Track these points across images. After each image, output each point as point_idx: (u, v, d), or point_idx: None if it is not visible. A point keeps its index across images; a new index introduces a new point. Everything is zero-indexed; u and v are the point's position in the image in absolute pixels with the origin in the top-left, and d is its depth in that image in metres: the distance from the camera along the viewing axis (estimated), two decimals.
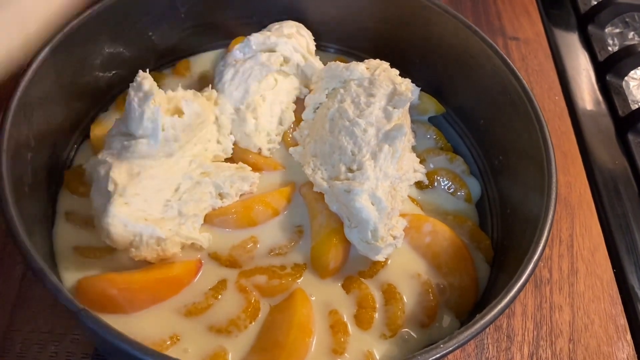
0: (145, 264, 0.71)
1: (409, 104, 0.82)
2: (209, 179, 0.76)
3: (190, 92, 0.76)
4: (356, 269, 0.76)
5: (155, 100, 0.70)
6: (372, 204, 0.72)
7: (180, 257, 0.73)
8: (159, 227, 0.69)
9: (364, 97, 0.81)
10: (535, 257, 0.64)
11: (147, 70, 0.75)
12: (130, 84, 0.73)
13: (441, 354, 0.55)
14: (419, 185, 0.85)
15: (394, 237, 0.74)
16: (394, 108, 0.79)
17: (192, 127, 0.74)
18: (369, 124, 0.78)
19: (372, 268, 0.76)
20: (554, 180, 0.71)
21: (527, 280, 0.62)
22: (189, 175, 0.74)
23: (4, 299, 0.73)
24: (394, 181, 0.76)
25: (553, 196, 0.70)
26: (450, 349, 0.56)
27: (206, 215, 0.76)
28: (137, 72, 0.94)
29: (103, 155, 0.71)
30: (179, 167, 0.74)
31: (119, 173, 0.69)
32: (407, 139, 0.81)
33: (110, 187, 0.68)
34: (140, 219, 0.69)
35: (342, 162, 0.77)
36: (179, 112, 0.73)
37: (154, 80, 0.93)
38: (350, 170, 0.76)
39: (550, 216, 0.68)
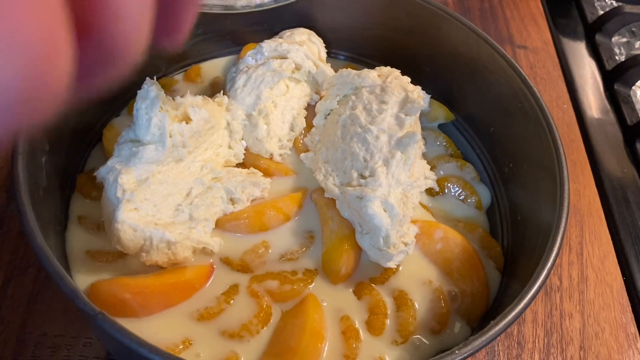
0: (157, 269, 0.71)
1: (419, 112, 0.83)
2: (220, 184, 0.76)
3: (199, 98, 0.77)
4: (367, 275, 0.76)
5: (162, 107, 0.71)
6: (385, 211, 0.72)
7: (192, 261, 0.74)
8: (169, 231, 0.69)
9: (375, 104, 0.81)
10: (548, 265, 0.64)
11: (155, 77, 0.76)
12: (138, 92, 0.73)
13: None
14: (429, 192, 0.86)
15: (406, 244, 0.74)
16: (406, 115, 0.79)
17: (201, 133, 0.74)
18: (381, 130, 0.78)
19: (384, 274, 0.76)
20: (566, 188, 0.72)
21: (540, 288, 0.62)
22: (200, 180, 0.75)
23: (17, 302, 0.73)
24: (405, 188, 0.76)
25: (565, 204, 0.70)
26: (465, 355, 0.56)
27: (218, 220, 0.76)
28: (149, 76, 0.95)
29: (112, 162, 0.72)
30: (190, 172, 0.75)
31: (127, 179, 0.69)
32: (417, 146, 0.81)
33: (119, 193, 0.68)
34: (150, 223, 0.69)
35: (354, 169, 0.77)
36: (187, 118, 0.73)
37: (166, 85, 0.94)
38: (362, 176, 0.76)
39: (562, 224, 0.68)
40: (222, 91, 0.84)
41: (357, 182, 0.76)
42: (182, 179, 0.73)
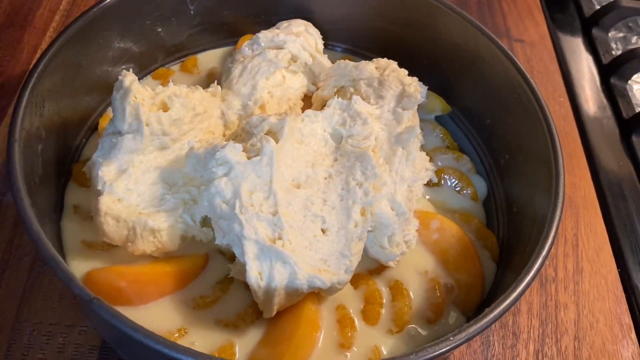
0: (153, 258, 0.71)
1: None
2: None
3: (182, 87, 0.76)
4: (364, 265, 0.76)
5: (137, 96, 0.71)
6: (392, 209, 0.72)
7: (187, 251, 0.73)
8: (152, 219, 0.69)
9: (373, 100, 0.81)
10: (543, 255, 0.65)
11: (152, 68, 0.76)
12: (115, 84, 0.73)
13: (450, 347, 0.55)
14: (426, 183, 0.86)
15: (407, 242, 0.74)
16: (404, 110, 0.79)
17: (185, 121, 0.74)
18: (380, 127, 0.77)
19: (380, 265, 0.76)
20: (561, 179, 0.72)
21: (534, 277, 0.62)
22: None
23: (12, 290, 0.73)
24: (410, 184, 0.76)
25: (560, 195, 0.70)
26: (459, 342, 0.56)
27: None
28: (146, 67, 0.94)
29: (96, 156, 0.72)
30: (179, 159, 0.74)
31: (107, 171, 0.69)
32: (417, 139, 0.80)
33: (100, 186, 0.68)
34: (134, 213, 0.69)
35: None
36: (165, 107, 0.73)
37: (162, 76, 0.94)
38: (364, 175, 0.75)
39: (557, 215, 0.68)
40: (216, 81, 0.83)
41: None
42: (169, 166, 0.72)
